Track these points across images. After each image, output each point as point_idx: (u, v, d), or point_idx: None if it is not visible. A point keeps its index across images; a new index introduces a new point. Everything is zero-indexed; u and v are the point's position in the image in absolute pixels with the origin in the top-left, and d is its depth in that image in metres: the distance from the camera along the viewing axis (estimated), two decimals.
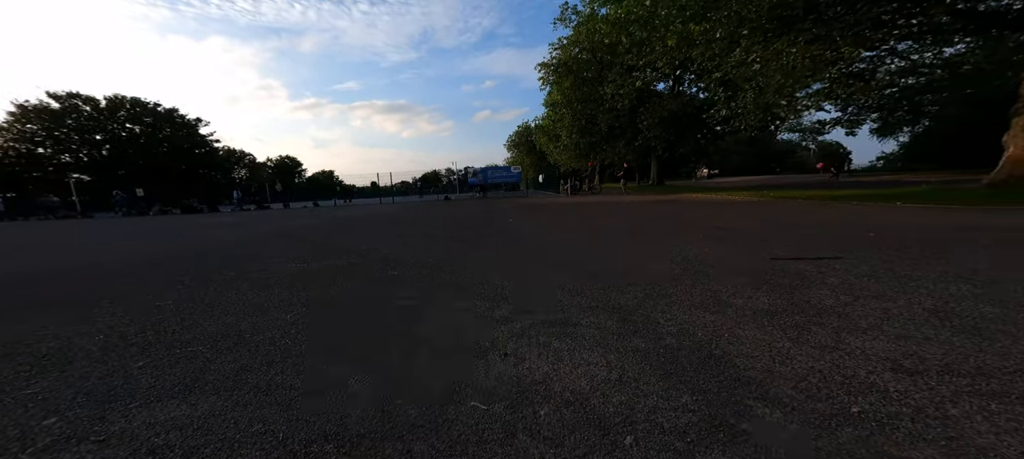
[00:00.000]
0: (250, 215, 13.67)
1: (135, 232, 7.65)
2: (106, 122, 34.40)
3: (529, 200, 14.63)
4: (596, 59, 19.34)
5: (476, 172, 19.01)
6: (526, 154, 47.53)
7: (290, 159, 55.84)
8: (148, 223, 10.98)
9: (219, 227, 8.13)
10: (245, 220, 10.23)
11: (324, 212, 13.25)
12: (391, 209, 12.99)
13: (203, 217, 14.05)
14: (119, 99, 35.21)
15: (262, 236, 5.67)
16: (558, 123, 22.24)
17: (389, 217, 8.95)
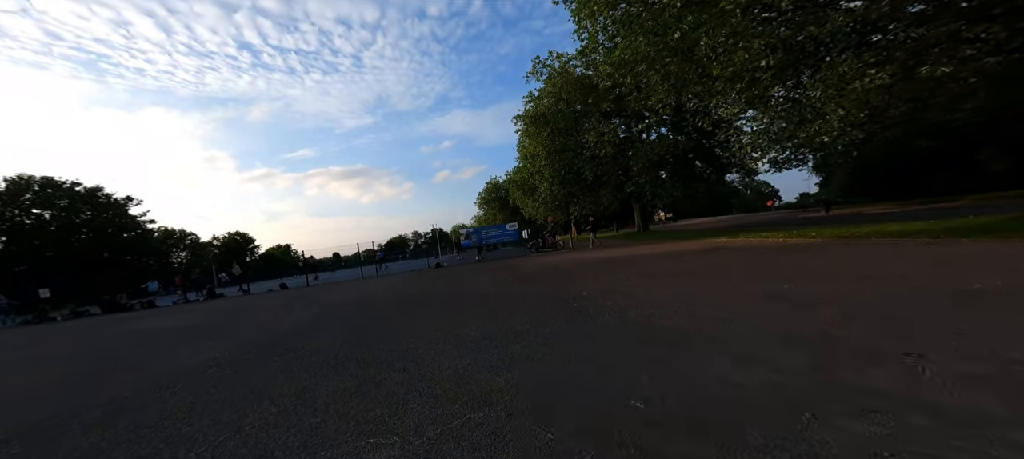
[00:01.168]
0: (199, 309, 11.32)
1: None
2: (4, 208, 29.92)
3: (537, 260, 13.70)
4: (571, 109, 20.54)
5: (469, 233, 18.03)
6: (499, 210, 48.31)
7: (240, 235, 51.53)
8: (42, 334, 8.42)
9: (148, 339, 6.18)
10: (193, 320, 8.17)
11: (303, 296, 11.30)
12: (384, 285, 11.36)
13: (132, 317, 11.41)
14: (23, 180, 31.19)
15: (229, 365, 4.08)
16: (536, 175, 22.75)
17: (411, 301, 7.47)
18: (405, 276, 14.38)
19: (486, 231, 18.63)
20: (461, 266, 15.59)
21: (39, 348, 7.29)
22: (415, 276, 13.63)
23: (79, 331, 9.62)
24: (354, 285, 12.76)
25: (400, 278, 13.53)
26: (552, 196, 22.37)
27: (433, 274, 13.22)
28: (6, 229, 29.74)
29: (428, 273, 14.30)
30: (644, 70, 10.23)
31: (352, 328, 4.95)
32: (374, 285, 11.77)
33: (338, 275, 23.94)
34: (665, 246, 11.47)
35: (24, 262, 28.63)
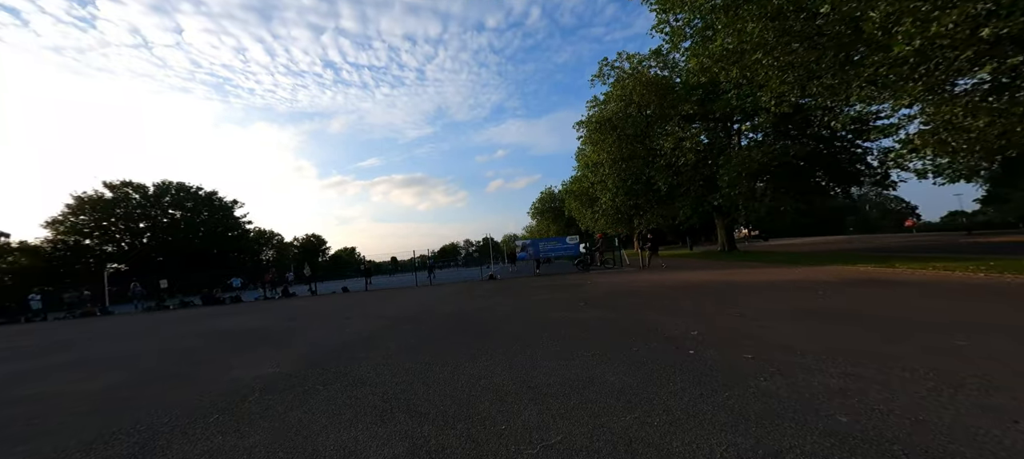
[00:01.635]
0: (272, 309, 12.25)
1: (103, 339, 6.09)
2: (151, 209, 37.60)
3: (600, 279, 12.30)
4: (642, 114, 18.80)
5: (525, 245, 17.24)
6: (552, 221, 47.06)
7: (315, 237, 58.34)
8: (152, 321, 9.75)
9: (216, 341, 6.39)
10: (262, 321, 8.61)
11: (360, 304, 11.53)
12: (437, 296, 11.05)
13: (219, 312, 12.81)
14: (166, 185, 39.00)
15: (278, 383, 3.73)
16: (598, 185, 21.21)
17: (468, 320, 6.86)
18: (458, 287, 14.08)
19: (543, 244, 17.63)
20: (515, 279, 14.86)
21: (122, 343, 8.12)
22: (468, 288, 13.21)
23: (171, 323, 10.88)
24: (408, 294, 12.77)
25: (453, 289, 13.23)
26: (614, 208, 20.67)
27: (487, 287, 12.64)
28: (150, 226, 37.36)
29: (482, 285, 13.80)
30: (759, 60, 8.46)
31: (405, 353, 4.35)
32: (427, 295, 11.57)
33: (393, 280, 24.98)
34: (771, 272, 9.35)
35: (160, 254, 35.51)
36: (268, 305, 13.59)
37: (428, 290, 13.67)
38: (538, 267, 17.28)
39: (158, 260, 34.75)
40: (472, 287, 13.41)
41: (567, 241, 17.08)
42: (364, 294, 14.56)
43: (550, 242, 17.88)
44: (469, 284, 14.98)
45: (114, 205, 35.00)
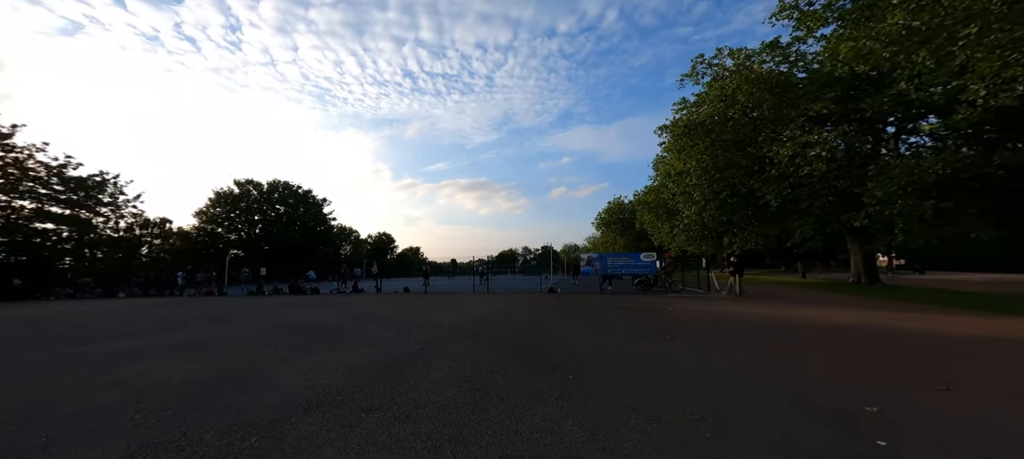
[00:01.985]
0: (342, 303, 13.21)
1: (215, 315, 6.90)
2: (263, 204, 45.22)
3: (683, 305, 10.59)
4: (747, 116, 16.16)
5: (592, 259, 16.03)
6: (619, 233, 44.05)
7: (385, 236, 64.16)
8: (247, 306, 11.24)
9: (287, 336, 6.76)
10: (330, 316, 9.17)
11: (419, 306, 11.75)
12: (495, 308, 10.65)
13: (299, 302, 14.28)
14: (275, 183, 46.60)
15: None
16: (681, 196, 18.78)
17: (534, 344, 6.26)
18: (516, 298, 13.58)
19: (613, 259, 16.16)
20: (579, 295, 13.81)
21: (215, 327, 9.14)
22: (527, 300, 12.61)
23: (260, 309, 12.25)
24: (465, 301, 12.67)
25: (511, 300, 12.77)
26: (700, 223, 18.15)
27: (548, 302, 11.88)
28: (262, 219, 44.89)
29: (541, 299, 13.09)
30: (969, 35, 6.27)
31: (456, 383, 3.87)
32: (484, 305, 11.27)
33: (451, 283, 25.68)
34: (973, 322, 6.65)
35: (267, 244, 42.38)
36: (339, 299, 14.78)
37: (485, 299, 13.46)
38: (606, 284, 15.93)
39: (265, 249, 41.47)
40: (531, 300, 12.79)
41: (641, 258, 15.39)
42: (423, 296, 14.99)
43: (620, 257, 16.36)
44: (528, 296, 14.40)
45: (239, 199, 43.00)
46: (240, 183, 43.76)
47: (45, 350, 5.99)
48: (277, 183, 46.08)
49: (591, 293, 15.11)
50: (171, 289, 20.58)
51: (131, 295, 20.03)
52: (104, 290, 21.10)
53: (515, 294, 15.50)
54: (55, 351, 5.86)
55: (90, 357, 5.35)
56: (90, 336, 7.30)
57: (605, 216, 47.69)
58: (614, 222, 45.60)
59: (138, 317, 10.27)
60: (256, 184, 44.79)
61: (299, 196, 47.31)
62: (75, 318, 10.52)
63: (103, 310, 12.71)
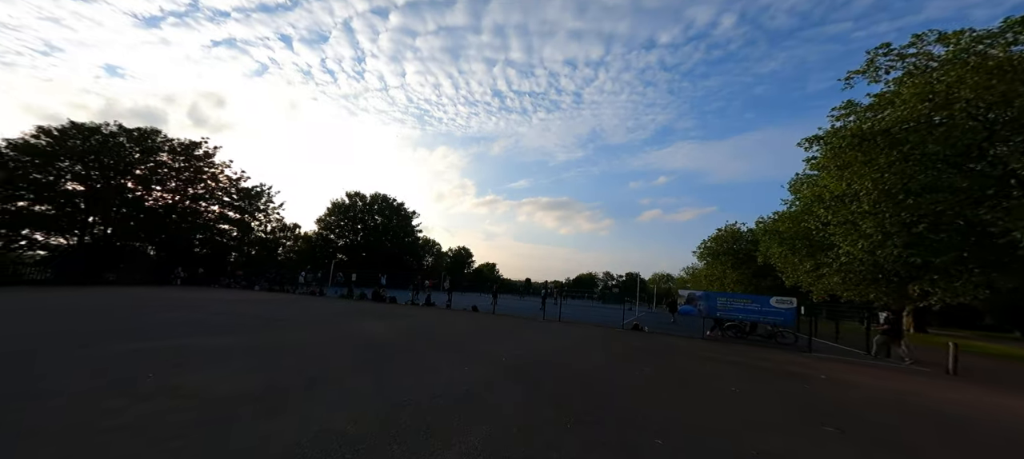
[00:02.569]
0: (410, 316, 13.55)
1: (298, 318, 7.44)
2: (365, 214, 52.56)
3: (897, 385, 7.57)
4: (975, 119, 11.69)
5: (695, 297, 13.34)
6: (731, 267, 36.75)
7: (464, 250, 67.92)
8: (334, 310, 12.39)
9: (358, 353, 6.69)
10: (393, 331, 9.20)
11: (482, 330, 11.19)
12: (568, 344, 9.35)
13: (377, 311, 15.22)
14: (376, 195, 53.84)
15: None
16: (838, 227, 14.36)
17: (621, 419, 4.99)
18: (592, 332, 11.96)
19: (727, 300, 12.91)
20: (673, 339, 11.45)
21: (294, 334, 9.80)
22: (606, 337, 10.89)
23: (340, 315, 13.23)
24: (532, 330, 11.64)
25: (586, 334, 11.24)
26: (871, 263, 13.65)
27: (632, 344, 10.01)
28: (363, 228, 52.16)
29: (624, 337, 11.22)
30: None
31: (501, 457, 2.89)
32: (553, 337, 10.05)
33: (523, 304, 24.81)
34: None
35: (364, 251, 48.82)
36: (409, 312, 15.34)
37: (555, 329, 12.20)
38: (717, 331, 12.98)
39: (363, 255, 47.69)
40: (610, 337, 11.04)
41: (773, 303, 11.99)
42: (488, 318, 14.51)
43: (738, 299, 13.09)
44: (606, 331, 12.61)
45: (348, 210, 50.98)
46: (350, 195, 51.78)
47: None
48: (377, 195, 53.09)
49: (691, 338, 12.45)
50: (293, 286, 24.60)
51: (263, 288, 24.72)
52: (247, 282, 26.57)
53: (590, 327, 13.81)
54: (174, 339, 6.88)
55: (148, 352, 6.04)
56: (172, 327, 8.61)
57: (712, 245, 40.76)
58: (725, 253, 38.49)
59: (243, 310, 12.07)
60: (361, 196, 52.36)
61: (393, 208, 53.61)
62: (188, 305, 12.97)
63: (239, 298, 15.65)
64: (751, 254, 32.86)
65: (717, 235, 40.50)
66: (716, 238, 40.47)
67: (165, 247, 30.12)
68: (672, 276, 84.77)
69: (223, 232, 35.09)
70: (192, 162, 31.53)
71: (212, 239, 33.88)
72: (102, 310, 10.15)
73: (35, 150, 23.93)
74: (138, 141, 27.97)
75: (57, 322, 7.82)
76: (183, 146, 30.81)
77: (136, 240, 29.39)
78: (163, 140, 29.70)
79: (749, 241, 35.87)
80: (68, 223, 25.67)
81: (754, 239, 33.52)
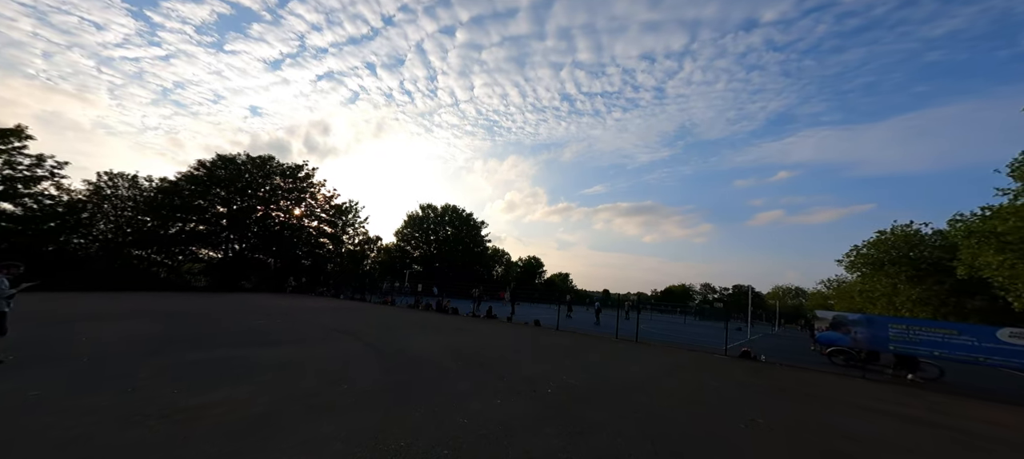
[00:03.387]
0: (467, 330, 13.31)
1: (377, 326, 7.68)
2: (437, 225, 56.18)
3: None
4: None
5: (848, 322, 10.21)
6: (907, 281, 27.75)
7: (535, 260, 67.35)
8: (396, 320, 12.90)
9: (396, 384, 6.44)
10: (441, 346, 8.89)
11: (538, 350, 10.29)
12: (654, 374, 7.85)
13: (437, 320, 15.43)
14: (447, 207, 57.22)
15: None
16: None
17: None
18: (679, 357, 9.97)
19: (911, 329, 9.38)
20: (816, 377, 8.80)
21: (339, 346, 10.02)
22: (699, 365, 8.90)
23: (400, 327, 13.56)
24: (599, 350, 10.23)
25: (673, 361, 9.39)
26: None
27: (745, 381, 7.92)
28: (435, 238, 55.81)
29: (729, 367, 9.01)
30: None
31: None
32: (625, 361, 8.54)
33: (585, 319, 22.91)
34: None
35: (437, 261, 52.04)
36: (467, 324, 15.19)
37: (630, 352, 10.53)
38: (904, 370, 9.71)
39: (435, 265, 50.82)
40: (708, 366, 8.96)
41: (1002, 338, 8.37)
42: (550, 334, 13.44)
43: (931, 328, 9.33)
44: (702, 357, 10.38)
45: (422, 221, 55.19)
46: (422, 207, 55.98)
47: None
48: (447, 207, 56.31)
49: (835, 374, 9.47)
50: (373, 294, 27.23)
51: (346, 297, 27.82)
52: (335, 291, 30.28)
53: (679, 351, 11.66)
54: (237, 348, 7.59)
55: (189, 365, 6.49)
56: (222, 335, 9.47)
57: (870, 252, 32.00)
58: (894, 262, 29.72)
59: (314, 320, 13.24)
60: (433, 207, 56.16)
61: (463, 219, 56.21)
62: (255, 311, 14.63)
63: (323, 306, 17.64)
64: (945, 264, 25.10)
65: (878, 239, 31.31)
66: (877, 243, 31.42)
67: (280, 258, 36.50)
68: (803, 290, 70.54)
69: (322, 245, 41.01)
70: (297, 183, 37.77)
71: (313, 252, 39.88)
72: (208, 315, 12.22)
73: (196, 180, 31.41)
74: (259, 167, 34.63)
75: (171, 325, 9.48)
76: (290, 169, 37.11)
77: (260, 253, 36.21)
78: (276, 165, 36.23)
79: (938, 246, 27.41)
80: (216, 240, 32.87)
81: (948, 244, 25.58)
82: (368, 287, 30.86)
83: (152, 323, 9.76)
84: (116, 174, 30.86)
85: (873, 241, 32.44)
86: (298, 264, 37.70)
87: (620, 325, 15.16)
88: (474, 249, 54.89)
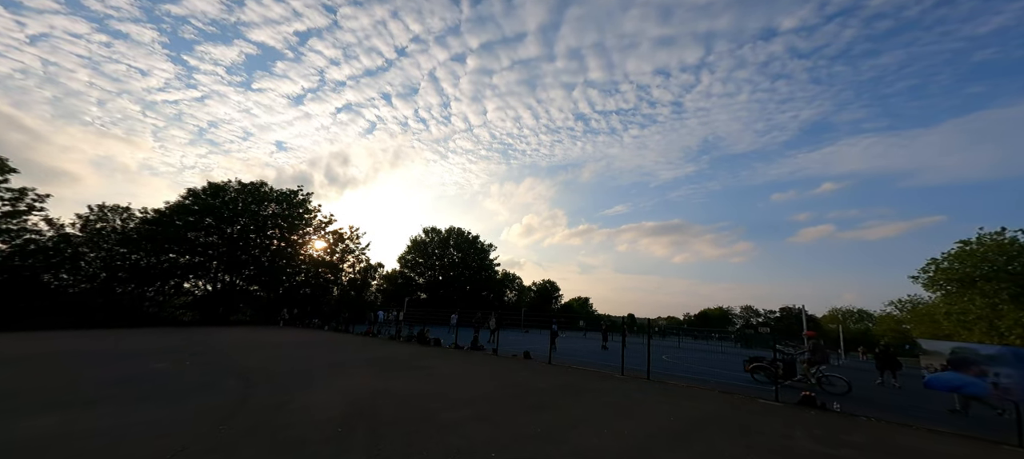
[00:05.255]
0: (439, 372, 11.09)
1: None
2: (440, 249, 54.70)
3: None
4: None
5: (975, 358, 7.22)
6: (1010, 300, 23.68)
7: (550, 283, 64.27)
8: (366, 351, 10.71)
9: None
10: (395, 400, 6.69)
11: (531, 395, 7.96)
12: (673, 430, 5.36)
13: (412, 358, 13.30)
14: (452, 229, 55.81)
15: None
16: None
17: None
18: (706, 406, 7.22)
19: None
20: (935, 438, 5.94)
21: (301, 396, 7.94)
22: (745, 425, 6.17)
23: (361, 367, 11.46)
24: (599, 399, 7.70)
25: (710, 408, 6.72)
26: None
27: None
28: (437, 264, 54.18)
29: (799, 437, 6.23)
30: None
31: None
32: (632, 422, 6.01)
33: (634, 357, 19.92)
34: None
35: (442, 288, 50.17)
36: (435, 360, 12.94)
37: (634, 398, 7.90)
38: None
39: (439, 292, 48.90)
40: (755, 434, 6.15)
41: None
42: (533, 372, 10.93)
43: None
44: (742, 408, 7.49)
45: (426, 246, 53.94)
46: (426, 231, 54.89)
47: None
48: (452, 229, 54.95)
49: (973, 440, 6.51)
50: (371, 324, 24.94)
51: (332, 328, 26.18)
52: (323, 323, 28.71)
53: (706, 394, 8.85)
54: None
55: None
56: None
57: (955, 267, 28.12)
58: (989, 278, 25.83)
59: (239, 357, 11.37)
60: (437, 231, 54.93)
61: (469, 242, 54.54)
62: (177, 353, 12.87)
63: (286, 341, 15.89)
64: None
65: (963, 251, 27.78)
66: (961, 255, 27.48)
67: (271, 289, 35.72)
68: (868, 312, 63.81)
69: (320, 274, 40.11)
70: (292, 209, 37.44)
71: (310, 281, 38.97)
72: (109, 354, 10.63)
73: (185, 210, 31.32)
74: (251, 194, 34.49)
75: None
76: (283, 195, 36.90)
77: (253, 285, 35.58)
78: (269, 191, 36.12)
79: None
80: (206, 272, 32.43)
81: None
82: (358, 318, 29.15)
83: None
84: (110, 207, 31.36)
85: (955, 253, 28.13)
86: (295, 295, 36.83)
87: (631, 357, 12.47)
88: (482, 274, 52.79)
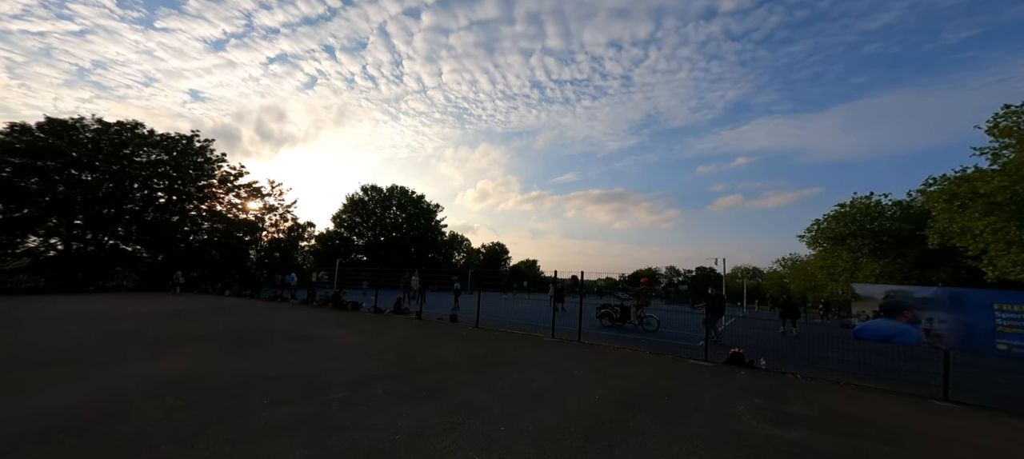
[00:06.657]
0: (334, 341, 9.54)
1: None
2: (384, 209, 51.23)
3: None
4: None
5: (920, 301, 6.81)
6: (869, 255, 28.91)
7: (499, 246, 63.93)
8: (255, 318, 8.81)
9: None
10: (287, 368, 5.05)
11: (456, 357, 6.70)
12: (604, 399, 4.38)
13: (317, 318, 11.57)
14: (394, 188, 52.24)
15: None
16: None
17: None
18: (642, 372, 6.57)
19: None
20: (869, 397, 5.62)
21: None
22: (670, 388, 5.50)
23: (267, 337, 9.62)
24: (528, 361, 6.74)
25: (630, 376, 5.99)
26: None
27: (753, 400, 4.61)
28: (379, 225, 50.87)
29: (740, 399, 5.65)
30: None
31: None
32: (562, 390, 5.05)
33: (536, 312, 19.65)
34: None
35: (383, 249, 47.41)
36: (347, 328, 11.39)
37: (562, 365, 7.09)
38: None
39: (380, 254, 46.21)
40: (690, 399, 5.51)
41: None
42: (461, 334, 9.87)
43: None
44: (673, 371, 6.97)
45: (363, 205, 50.00)
46: (365, 189, 50.80)
47: None
48: (394, 189, 51.39)
49: (897, 396, 6.43)
50: (282, 289, 22.19)
51: (233, 294, 23.12)
52: (221, 288, 25.25)
53: (645, 357, 8.38)
54: None
55: None
56: None
57: (831, 226, 32.53)
58: (855, 236, 30.26)
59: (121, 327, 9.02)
60: (377, 189, 51.05)
61: (413, 201, 51.54)
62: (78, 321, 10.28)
63: (122, 309, 13.16)
64: (906, 236, 25.89)
65: (839, 212, 31.80)
66: (838, 216, 31.54)
67: (158, 250, 30.72)
68: (760, 269, 76.25)
69: (229, 234, 35.24)
70: (185, 158, 31.73)
71: (215, 242, 34.19)
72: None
73: (12, 150, 24.40)
74: (119, 136, 28.35)
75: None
76: (170, 140, 31.03)
77: (134, 244, 30.27)
78: (148, 133, 30.07)
79: (899, 217, 27.75)
80: (55, 227, 26.58)
81: (909, 215, 26.44)
82: (268, 281, 25.93)
83: None
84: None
85: (833, 214, 32.19)
86: (197, 257, 32.10)
87: (562, 320, 11.94)
88: (428, 235, 50.57)
